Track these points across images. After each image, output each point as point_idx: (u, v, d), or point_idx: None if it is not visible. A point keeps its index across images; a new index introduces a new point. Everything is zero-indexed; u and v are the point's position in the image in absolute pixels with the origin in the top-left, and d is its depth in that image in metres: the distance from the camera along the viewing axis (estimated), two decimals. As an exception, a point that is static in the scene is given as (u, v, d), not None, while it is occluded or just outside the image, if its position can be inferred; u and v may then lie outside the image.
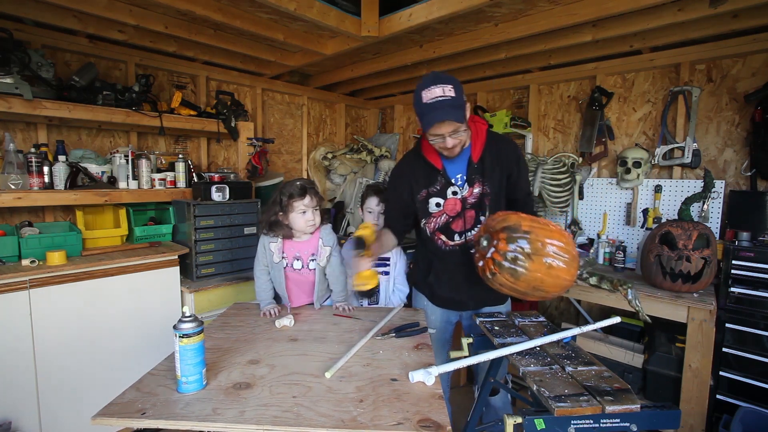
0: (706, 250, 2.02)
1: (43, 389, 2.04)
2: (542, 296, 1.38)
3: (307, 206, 1.80)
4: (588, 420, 1.06)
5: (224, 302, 2.49)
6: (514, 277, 1.30)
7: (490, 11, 2.28)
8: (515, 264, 1.29)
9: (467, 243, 1.69)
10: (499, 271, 1.32)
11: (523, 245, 1.28)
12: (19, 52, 2.09)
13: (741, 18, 2.14)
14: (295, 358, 1.34)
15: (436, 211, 1.71)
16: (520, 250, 1.28)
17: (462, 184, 1.67)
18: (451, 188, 1.68)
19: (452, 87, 1.45)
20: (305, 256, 1.88)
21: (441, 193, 1.69)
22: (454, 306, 1.84)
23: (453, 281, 1.77)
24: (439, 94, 1.44)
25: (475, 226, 1.68)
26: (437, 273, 1.79)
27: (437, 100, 1.44)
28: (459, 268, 1.73)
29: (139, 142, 2.91)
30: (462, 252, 1.71)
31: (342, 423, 0.98)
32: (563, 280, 1.31)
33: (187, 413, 1.01)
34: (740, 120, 2.45)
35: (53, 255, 2.11)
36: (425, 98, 1.47)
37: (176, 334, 1.10)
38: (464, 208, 1.67)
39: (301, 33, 2.68)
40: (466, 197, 1.67)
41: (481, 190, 1.66)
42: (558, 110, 3.21)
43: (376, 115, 4.67)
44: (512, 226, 1.33)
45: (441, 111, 1.45)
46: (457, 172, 1.68)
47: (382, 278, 2.14)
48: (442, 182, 1.68)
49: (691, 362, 1.99)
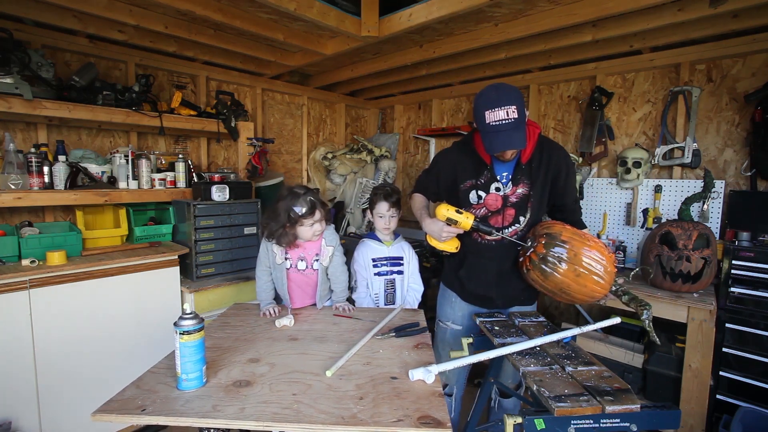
0: (706, 250, 2.02)
1: (43, 389, 2.04)
2: (570, 299, 1.51)
3: (316, 221, 1.82)
4: (588, 420, 1.06)
5: (224, 302, 2.49)
6: (543, 275, 1.48)
7: (490, 11, 2.28)
8: (545, 265, 1.46)
9: (503, 240, 1.71)
10: (532, 268, 1.51)
11: (556, 251, 1.45)
12: (19, 52, 2.09)
13: (741, 18, 2.14)
14: (295, 357, 1.34)
15: (476, 204, 1.73)
16: (553, 254, 1.45)
17: (506, 182, 1.70)
18: (494, 184, 1.70)
19: (515, 108, 1.43)
20: (309, 256, 1.90)
21: (485, 186, 1.71)
22: (484, 303, 1.84)
23: (485, 276, 1.78)
24: (503, 117, 1.43)
25: (513, 225, 1.71)
26: (469, 267, 1.81)
27: (502, 124, 1.44)
28: (492, 263, 1.75)
29: (139, 142, 2.91)
30: (497, 248, 1.73)
31: (342, 420, 0.98)
32: (591, 290, 1.44)
33: (187, 410, 1.01)
34: (740, 120, 2.45)
35: (53, 255, 2.11)
36: (488, 119, 1.45)
37: (177, 331, 1.10)
38: (504, 206, 1.70)
39: (301, 33, 2.68)
40: (509, 195, 1.69)
41: (525, 191, 1.68)
42: (558, 110, 3.21)
43: (376, 115, 4.67)
44: (553, 234, 1.49)
45: (506, 137, 1.45)
46: (504, 170, 1.71)
47: (396, 277, 2.17)
48: (488, 176, 1.70)
49: (691, 362, 1.99)
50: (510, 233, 1.71)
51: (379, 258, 2.16)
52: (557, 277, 1.44)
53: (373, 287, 2.15)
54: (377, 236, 2.21)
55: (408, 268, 2.20)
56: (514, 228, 1.71)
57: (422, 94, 4.07)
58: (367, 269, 2.14)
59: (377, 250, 2.18)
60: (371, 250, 2.17)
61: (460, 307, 1.89)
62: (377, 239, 2.19)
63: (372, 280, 2.15)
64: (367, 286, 2.15)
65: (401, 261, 2.20)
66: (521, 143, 1.49)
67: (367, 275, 2.14)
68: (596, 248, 1.43)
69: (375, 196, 2.18)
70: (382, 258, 2.17)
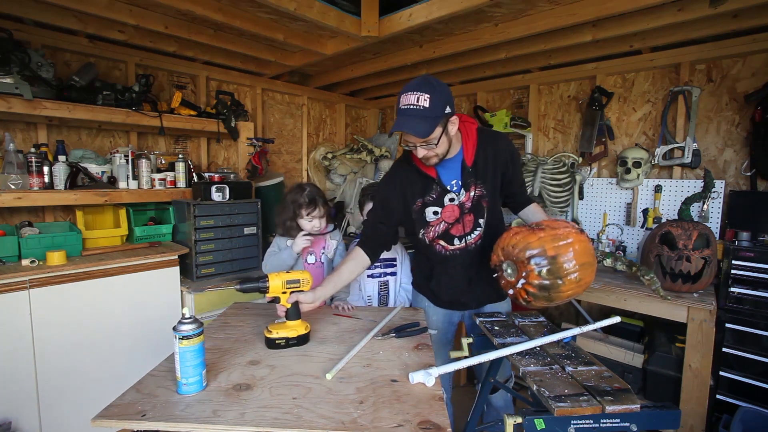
0: (706, 250, 2.02)
1: (43, 389, 2.04)
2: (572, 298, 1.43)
3: (314, 216, 1.94)
4: (588, 420, 1.06)
5: (224, 302, 2.49)
6: (549, 300, 1.37)
7: (490, 11, 2.27)
8: (549, 291, 1.33)
9: (467, 246, 1.68)
10: (534, 300, 1.38)
11: (553, 272, 1.31)
12: (19, 52, 2.09)
13: (741, 18, 2.14)
14: (295, 358, 1.34)
15: (434, 220, 1.67)
16: (550, 277, 1.31)
17: (458, 189, 1.63)
18: (447, 195, 1.63)
19: (429, 97, 1.37)
20: (317, 250, 2.00)
21: (438, 201, 1.64)
22: (457, 307, 1.83)
23: (455, 284, 1.76)
24: (412, 102, 1.38)
25: (474, 229, 1.67)
26: (439, 278, 1.78)
27: (408, 108, 1.39)
28: (460, 271, 1.73)
29: (139, 142, 2.91)
30: (462, 255, 1.70)
31: (342, 425, 0.97)
32: (589, 280, 1.37)
33: (187, 415, 1.01)
34: (740, 120, 2.45)
35: (53, 255, 2.11)
36: (401, 102, 1.41)
37: (176, 336, 1.10)
38: (462, 213, 1.65)
39: (301, 33, 2.68)
40: (464, 202, 1.63)
41: (478, 193, 1.63)
42: (558, 110, 3.20)
43: (376, 115, 4.67)
44: (538, 255, 1.33)
45: (405, 120, 1.39)
46: (452, 178, 1.64)
47: (390, 278, 2.16)
48: (438, 190, 1.63)
49: (691, 362, 1.99)
50: (474, 239, 1.67)
51: None
52: (563, 295, 1.34)
53: (366, 289, 2.12)
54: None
55: (401, 268, 2.17)
56: (477, 233, 1.67)
57: (422, 94, 4.06)
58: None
59: None
60: None
61: (435, 311, 1.86)
62: None
63: (365, 282, 2.12)
64: (360, 288, 2.13)
65: (394, 262, 2.17)
66: (417, 131, 1.39)
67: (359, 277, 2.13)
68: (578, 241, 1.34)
69: (363, 197, 2.17)
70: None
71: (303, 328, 1.45)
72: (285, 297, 1.44)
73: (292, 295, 1.46)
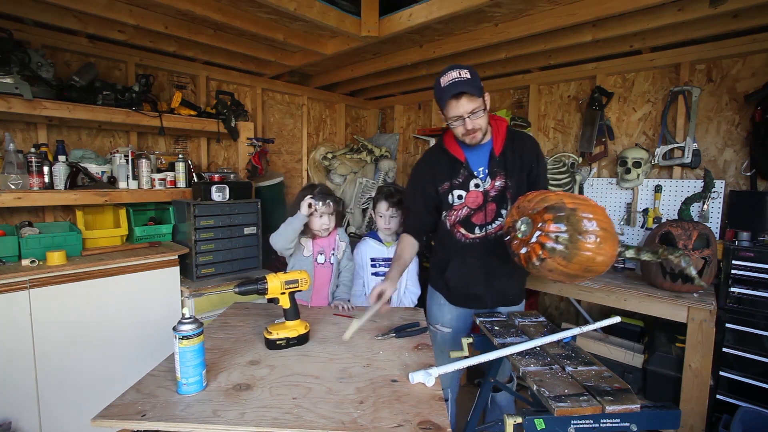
0: (706, 250, 2.02)
1: (43, 389, 2.04)
2: (589, 278, 1.31)
3: (324, 212, 1.93)
4: (588, 420, 1.06)
5: (224, 302, 2.49)
6: (567, 259, 1.22)
7: (490, 11, 2.27)
8: (566, 245, 1.20)
9: (487, 236, 1.71)
10: (550, 255, 1.23)
11: (573, 223, 1.20)
12: (19, 52, 2.09)
13: (741, 18, 2.14)
14: (295, 358, 1.34)
15: (458, 204, 1.72)
16: (570, 229, 1.19)
17: (484, 177, 1.69)
18: (473, 180, 1.69)
19: (468, 71, 1.52)
20: (327, 250, 2.00)
21: (463, 185, 1.70)
22: (471, 303, 1.83)
23: (471, 275, 1.77)
24: (455, 76, 1.51)
25: (495, 219, 1.71)
26: (455, 268, 1.79)
27: (453, 81, 1.50)
28: (478, 261, 1.75)
29: (139, 142, 2.91)
30: (481, 245, 1.73)
31: (342, 425, 0.98)
32: (610, 256, 1.24)
33: (187, 415, 1.01)
34: (740, 120, 2.45)
35: (53, 255, 2.11)
36: (442, 82, 1.53)
37: (176, 336, 1.10)
38: (486, 201, 1.69)
39: (301, 33, 2.68)
40: (488, 190, 1.69)
41: (503, 184, 1.68)
42: (558, 110, 3.20)
43: (376, 115, 4.67)
44: (556, 206, 1.23)
45: (458, 86, 1.50)
46: (479, 165, 1.70)
47: None
48: (465, 174, 1.70)
49: (691, 362, 1.99)
50: (494, 228, 1.71)
51: (377, 258, 2.17)
52: (582, 255, 1.20)
53: (370, 287, 2.14)
54: (378, 236, 2.21)
55: (407, 271, 2.18)
56: (498, 223, 1.71)
57: (422, 94, 4.07)
58: (364, 267, 2.15)
59: (377, 249, 2.18)
60: (371, 249, 2.18)
61: (449, 309, 1.87)
62: (378, 239, 2.19)
63: (368, 280, 2.15)
64: (363, 285, 2.15)
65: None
66: (474, 91, 1.51)
67: (363, 273, 2.15)
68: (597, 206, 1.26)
69: (377, 197, 2.19)
70: (381, 258, 2.17)
71: (303, 328, 1.45)
72: (284, 297, 1.44)
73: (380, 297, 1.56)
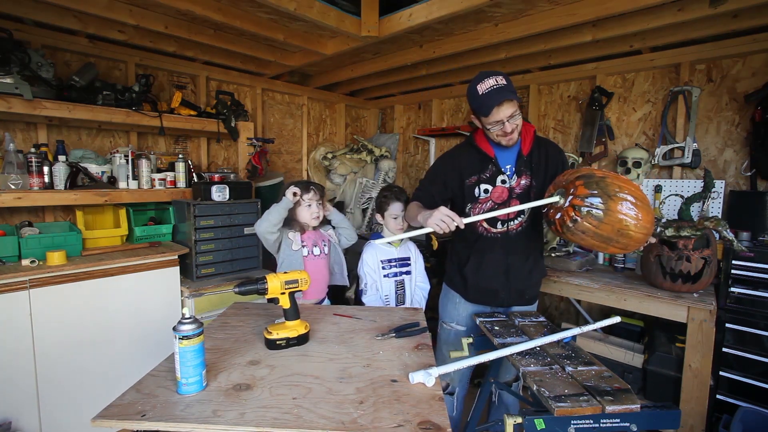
0: (706, 250, 2.02)
1: (43, 389, 2.04)
2: (626, 245, 1.37)
3: (311, 199, 2.00)
4: (588, 420, 1.06)
5: (224, 302, 2.49)
6: (598, 219, 1.31)
7: (490, 11, 2.27)
8: (597, 206, 1.30)
9: (509, 231, 1.77)
10: (581, 216, 1.32)
11: (602, 186, 1.31)
12: (19, 52, 2.09)
13: (741, 18, 2.14)
14: (295, 358, 1.34)
15: (483, 197, 1.77)
16: (599, 192, 1.30)
17: (511, 174, 1.75)
18: (500, 176, 1.75)
19: (503, 77, 1.57)
20: (320, 242, 2.06)
21: (490, 180, 1.76)
22: (488, 299, 1.85)
23: (490, 270, 1.80)
24: (493, 84, 1.55)
25: (518, 216, 1.76)
26: (474, 263, 1.83)
27: (493, 89, 1.55)
28: (497, 256, 1.79)
29: (139, 142, 2.91)
30: (503, 240, 1.78)
31: (342, 425, 0.97)
32: (646, 223, 1.32)
33: (187, 415, 1.01)
34: (740, 120, 2.45)
35: (53, 255, 2.11)
36: (481, 90, 1.57)
37: (176, 336, 1.10)
38: (510, 197, 1.74)
39: (301, 33, 2.68)
40: (514, 187, 1.74)
41: (528, 183, 1.74)
42: (558, 110, 3.20)
43: (376, 115, 4.67)
44: (587, 174, 1.37)
45: (500, 94, 1.54)
46: (507, 162, 1.76)
47: (405, 277, 2.19)
48: (493, 170, 1.75)
49: (691, 362, 1.99)
50: (516, 225, 1.76)
51: (387, 260, 2.17)
52: (613, 215, 1.29)
53: (383, 289, 2.14)
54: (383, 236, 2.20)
55: (415, 267, 2.21)
56: (520, 220, 1.76)
57: (422, 94, 4.07)
58: (377, 271, 2.14)
59: (386, 251, 2.18)
60: (380, 251, 2.17)
61: (464, 307, 1.90)
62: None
63: (381, 282, 2.14)
64: (377, 289, 2.14)
65: (409, 261, 2.21)
66: (516, 98, 1.57)
67: (376, 277, 2.13)
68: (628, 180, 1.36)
69: (387, 198, 2.16)
70: (391, 259, 2.17)
71: (303, 328, 1.45)
72: (284, 297, 1.44)
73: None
